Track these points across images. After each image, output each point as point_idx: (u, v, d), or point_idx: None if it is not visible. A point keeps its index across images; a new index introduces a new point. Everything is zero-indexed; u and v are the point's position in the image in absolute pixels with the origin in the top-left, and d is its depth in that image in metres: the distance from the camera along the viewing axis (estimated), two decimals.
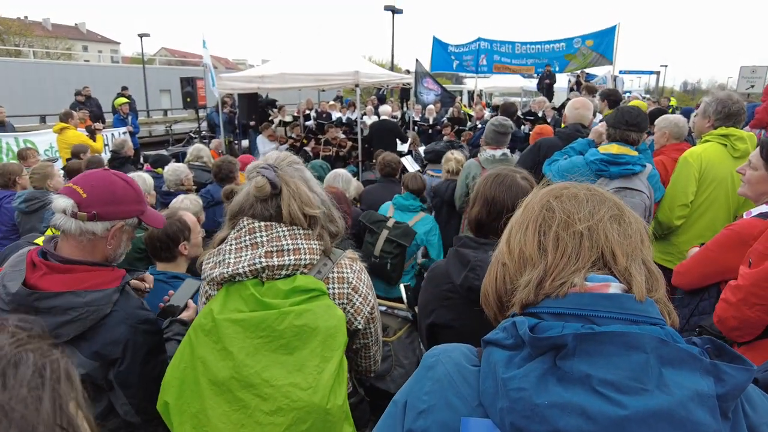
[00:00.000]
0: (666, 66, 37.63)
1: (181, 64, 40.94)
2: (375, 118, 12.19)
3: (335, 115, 12.91)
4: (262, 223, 1.39)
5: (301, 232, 1.39)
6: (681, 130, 3.80)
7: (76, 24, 52.92)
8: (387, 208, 3.85)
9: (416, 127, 12.05)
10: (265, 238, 1.37)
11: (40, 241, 2.82)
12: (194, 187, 4.67)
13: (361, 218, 3.59)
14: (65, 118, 6.95)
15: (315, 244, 1.40)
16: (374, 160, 7.68)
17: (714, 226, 3.10)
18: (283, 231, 1.38)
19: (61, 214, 1.38)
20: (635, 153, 2.81)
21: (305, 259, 1.36)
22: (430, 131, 11.93)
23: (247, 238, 1.38)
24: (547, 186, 0.94)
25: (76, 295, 1.32)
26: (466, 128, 10.86)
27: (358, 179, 8.56)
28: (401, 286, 2.44)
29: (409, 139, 9.91)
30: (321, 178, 4.84)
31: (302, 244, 1.37)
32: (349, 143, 10.55)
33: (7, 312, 1.27)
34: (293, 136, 10.71)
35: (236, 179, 4.57)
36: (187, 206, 3.36)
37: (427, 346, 1.76)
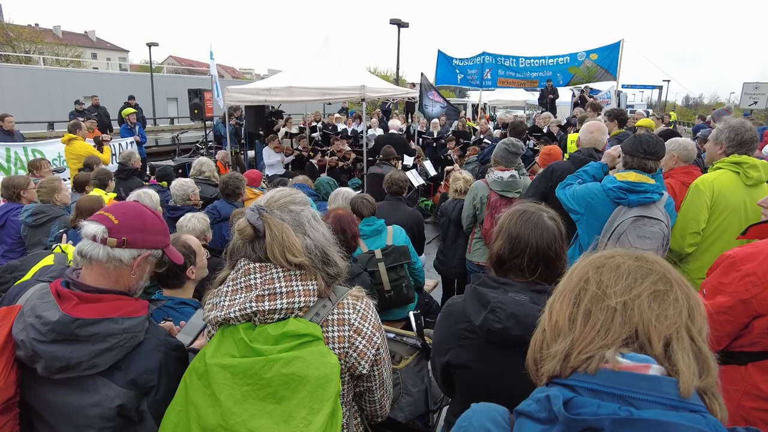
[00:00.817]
0: (668, 81, 37.67)
1: (189, 72, 41.27)
2: (380, 131, 12.25)
3: (341, 126, 12.97)
4: (257, 265, 1.35)
5: (298, 273, 1.34)
6: (690, 153, 3.78)
7: (86, 32, 53.55)
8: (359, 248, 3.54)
9: (421, 140, 12.09)
10: (259, 281, 1.32)
11: (48, 260, 2.82)
12: (201, 202, 4.68)
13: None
14: (73, 129, 6.97)
15: (312, 286, 1.35)
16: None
17: None
18: (278, 273, 1.33)
19: (90, 241, 1.38)
20: (653, 181, 2.79)
21: (299, 302, 1.31)
22: (434, 144, 11.96)
23: (242, 279, 1.34)
24: (595, 253, 0.92)
25: (114, 322, 1.32)
26: (471, 142, 10.88)
27: (363, 189, 8.58)
28: (411, 314, 2.41)
29: (415, 153, 9.94)
30: (328, 194, 4.83)
31: (297, 286, 1.33)
32: (354, 155, 10.58)
33: (46, 343, 1.25)
34: (299, 147, 10.74)
35: (243, 195, 4.57)
36: (195, 225, 3.37)
37: (441, 385, 1.73)
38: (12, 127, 8.46)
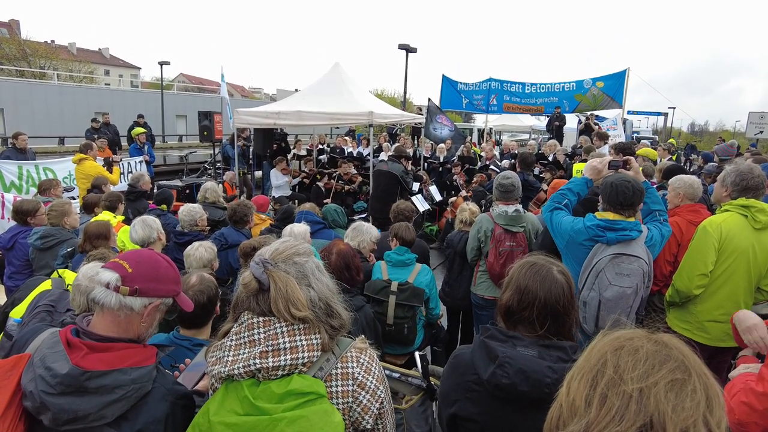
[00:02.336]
0: (674, 108, 37.92)
1: (199, 90, 41.95)
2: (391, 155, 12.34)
3: (348, 149, 13.08)
4: (261, 319, 1.34)
5: (301, 327, 1.34)
6: (695, 191, 3.79)
7: (99, 49, 54.64)
8: (380, 268, 3.64)
9: (426, 164, 12.17)
10: (262, 336, 1.32)
11: (46, 285, 2.83)
12: (208, 228, 4.70)
13: (366, 291, 3.45)
14: (85, 149, 7.07)
15: (315, 340, 1.34)
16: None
17: (735, 296, 3.05)
18: (281, 328, 1.33)
19: (103, 288, 1.39)
20: (632, 219, 2.79)
21: (303, 358, 1.30)
22: (440, 169, 12.02)
23: (246, 334, 1.34)
24: (615, 331, 0.91)
25: (122, 372, 1.32)
26: (476, 167, 10.93)
27: (368, 213, 8.59)
28: (416, 354, 2.40)
29: (421, 179, 9.98)
30: (336, 222, 4.84)
31: (301, 341, 1.32)
32: (360, 178, 10.64)
33: (55, 395, 1.25)
34: (306, 170, 10.82)
35: (250, 223, 4.60)
36: (202, 254, 3.38)
37: None
38: (25, 145, 8.59)
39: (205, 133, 10.68)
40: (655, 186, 3.48)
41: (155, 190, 7.40)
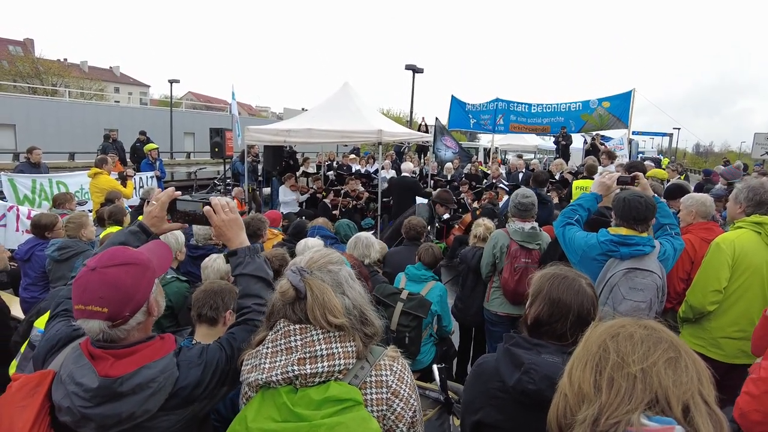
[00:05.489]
0: (678, 129, 38.13)
1: (206, 108, 42.55)
2: (392, 173, 12.45)
3: (355, 167, 13.21)
4: (297, 326, 1.35)
5: (337, 334, 1.35)
6: (708, 209, 3.81)
7: (110, 67, 55.73)
8: (400, 280, 3.82)
9: (433, 182, 12.25)
10: (299, 343, 1.33)
11: None
12: (221, 242, 4.74)
13: (375, 292, 3.52)
14: (100, 163, 7.21)
15: (351, 348, 1.35)
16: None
17: (749, 313, 3.05)
18: (317, 335, 1.34)
19: (100, 333, 1.35)
20: (645, 234, 2.81)
21: (340, 365, 1.31)
22: (447, 187, 12.09)
23: (283, 341, 1.35)
24: (604, 322, 0.99)
25: (148, 368, 1.34)
26: (483, 186, 11.00)
27: (376, 231, 8.65)
28: (435, 368, 2.41)
29: (429, 195, 10.04)
30: (348, 237, 4.89)
31: (338, 348, 1.33)
32: (366, 194, 10.72)
33: (93, 407, 1.28)
34: (314, 187, 10.92)
35: (264, 237, 4.64)
36: (219, 266, 3.43)
37: None
38: (39, 159, 8.75)
39: (216, 149, 10.82)
40: None
41: None
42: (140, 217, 1.88)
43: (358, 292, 1.47)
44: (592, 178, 7.45)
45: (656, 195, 3.40)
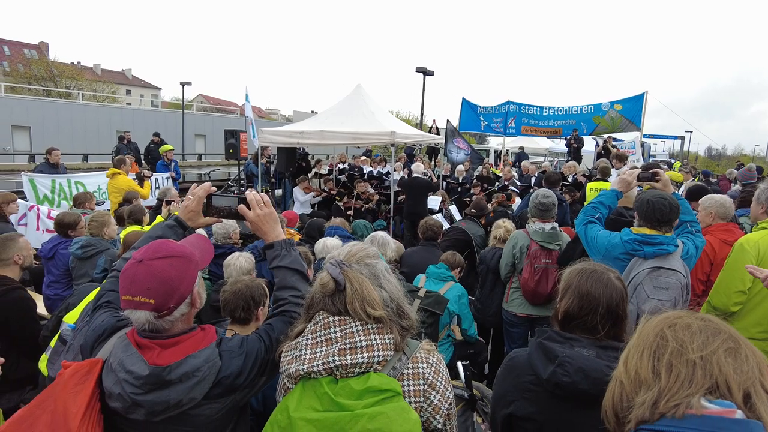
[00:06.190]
0: (691, 132, 37.81)
1: (217, 111, 42.90)
2: (403, 174, 12.49)
3: (366, 169, 13.26)
4: (336, 318, 1.38)
5: (375, 326, 1.37)
6: (727, 210, 3.80)
7: (123, 70, 56.44)
8: (419, 280, 3.85)
9: (445, 183, 12.26)
10: (339, 334, 1.35)
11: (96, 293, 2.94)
12: (240, 241, 4.80)
13: None
14: (118, 164, 7.31)
15: (389, 339, 1.37)
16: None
17: None
18: (357, 327, 1.36)
19: (146, 323, 1.39)
20: (669, 233, 2.80)
21: (379, 356, 1.33)
22: (459, 189, 12.11)
23: (322, 333, 1.37)
24: (658, 314, 1.01)
25: (194, 357, 1.38)
26: (495, 188, 10.99)
27: (388, 232, 8.68)
28: (459, 364, 2.43)
29: (440, 198, 10.06)
30: (363, 237, 4.93)
31: (376, 340, 1.35)
32: (377, 196, 10.77)
33: (143, 394, 1.32)
34: (326, 189, 10.99)
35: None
36: (242, 264, 3.48)
37: None
38: (58, 160, 8.90)
39: (231, 151, 10.92)
40: None
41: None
42: (159, 217, 1.93)
43: (395, 286, 1.49)
44: (606, 180, 7.44)
45: (675, 192, 3.40)
